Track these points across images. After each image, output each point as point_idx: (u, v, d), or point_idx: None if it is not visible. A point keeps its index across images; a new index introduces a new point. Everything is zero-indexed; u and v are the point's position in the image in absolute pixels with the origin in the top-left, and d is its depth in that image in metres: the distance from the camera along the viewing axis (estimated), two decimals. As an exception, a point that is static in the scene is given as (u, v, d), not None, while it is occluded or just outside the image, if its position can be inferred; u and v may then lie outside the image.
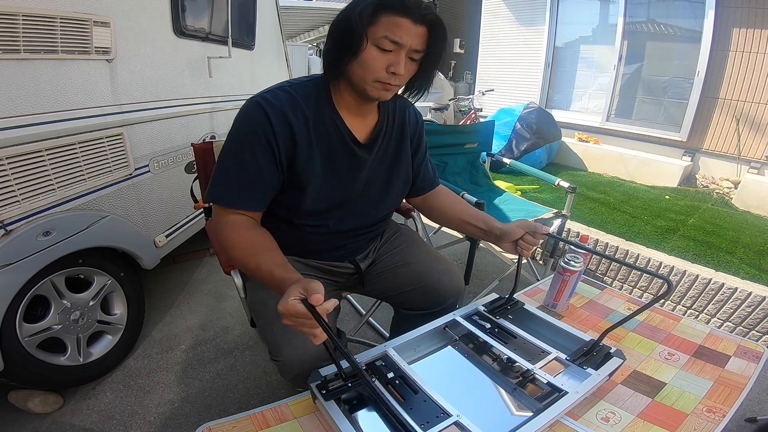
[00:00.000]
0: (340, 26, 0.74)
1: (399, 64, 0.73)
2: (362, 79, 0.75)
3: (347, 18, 0.72)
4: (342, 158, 0.85)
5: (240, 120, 0.78)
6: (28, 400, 1.22)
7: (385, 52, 0.72)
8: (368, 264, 1.05)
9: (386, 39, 0.71)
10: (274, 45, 2.69)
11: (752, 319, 1.68)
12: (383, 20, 0.71)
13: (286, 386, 1.38)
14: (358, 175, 0.88)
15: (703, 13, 3.49)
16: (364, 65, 0.73)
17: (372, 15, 0.70)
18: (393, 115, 0.92)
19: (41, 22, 1.07)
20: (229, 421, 0.65)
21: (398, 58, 0.73)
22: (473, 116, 4.46)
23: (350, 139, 0.84)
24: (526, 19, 4.86)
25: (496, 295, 0.99)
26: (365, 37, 0.71)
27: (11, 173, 1.05)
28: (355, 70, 0.74)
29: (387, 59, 0.73)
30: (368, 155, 0.88)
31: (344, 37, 0.73)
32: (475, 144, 2.24)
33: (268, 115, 0.75)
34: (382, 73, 0.74)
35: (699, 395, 0.75)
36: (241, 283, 0.98)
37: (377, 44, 0.72)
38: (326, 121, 0.82)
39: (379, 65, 0.73)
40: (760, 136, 3.39)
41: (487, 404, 0.72)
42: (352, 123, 0.85)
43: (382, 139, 0.90)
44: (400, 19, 0.70)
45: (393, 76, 0.74)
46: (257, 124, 0.76)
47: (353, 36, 0.71)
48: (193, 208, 1.26)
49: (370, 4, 0.70)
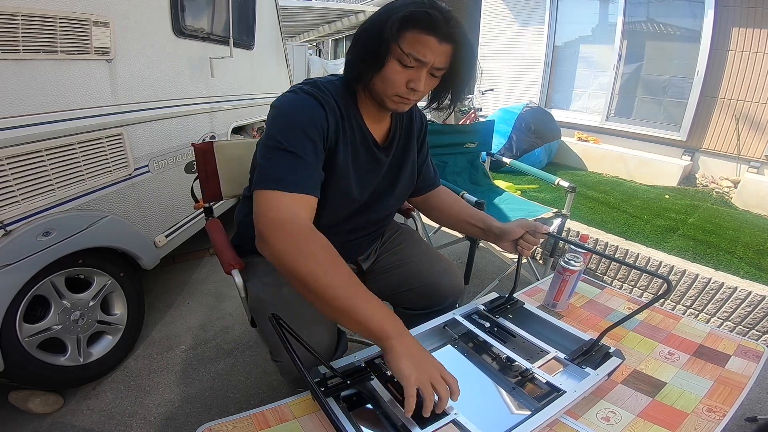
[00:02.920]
0: (365, 35, 0.74)
1: (419, 81, 0.72)
2: (382, 92, 0.75)
3: (373, 28, 0.72)
4: (365, 161, 0.85)
5: (292, 110, 0.74)
6: (28, 401, 1.22)
7: (407, 68, 0.72)
8: (370, 264, 1.05)
9: (410, 56, 0.70)
10: (273, 45, 2.69)
11: (752, 319, 1.68)
12: (409, 36, 0.69)
13: (286, 386, 1.38)
14: (378, 176, 0.89)
15: (702, 12, 3.49)
16: (386, 79, 0.73)
17: (398, 30, 0.69)
18: (402, 117, 0.94)
19: (41, 22, 1.07)
20: (229, 421, 0.65)
21: (419, 75, 0.72)
22: (473, 116, 4.46)
23: (373, 143, 0.85)
24: (525, 18, 4.86)
25: (496, 295, 0.99)
26: (390, 52, 0.70)
27: (11, 173, 1.05)
28: (377, 82, 0.75)
29: (408, 75, 0.72)
30: (386, 158, 0.89)
31: (368, 47, 0.72)
32: (474, 144, 2.24)
33: (324, 107, 0.75)
34: (402, 88, 0.74)
35: (699, 395, 0.75)
36: (241, 282, 0.98)
37: (400, 59, 0.71)
38: (353, 124, 0.82)
39: (400, 80, 0.73)
40: (759, 136, 3.39)
41: (485, 403, 0.72)
42: (372, 126, 0.86)
43: (396, 141, 0.91)
44: (425, 37, 0.69)
45: (412, 92, 0.74)
46: (313, 112, 0.74)
47: (378, 49, 0.70)
48: (193, 208, 1.26)
49: (398, 20, 0.68)
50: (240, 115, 2.32)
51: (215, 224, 1.14)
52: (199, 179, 1.19)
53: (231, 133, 2.24)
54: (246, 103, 2.35)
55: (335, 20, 8.43)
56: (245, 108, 2.36)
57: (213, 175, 1.17)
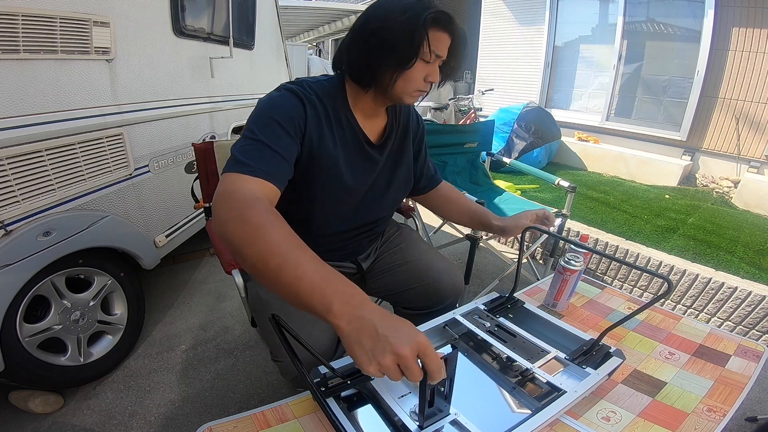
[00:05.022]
0: (378, 36, 0.73)
1: (436, 74, 0.78)
2: (403, 90, 0.78)
3: (397, 33, 0.72)
4: (358, 160, 0.85)
5: (272, 104, 0.74)
6: (28, 400, 1.23)
7: (427, 64, 0.76)
8: (370, 264, 1.05)
9: (433, 53, 0.74)
10: (273, 45, 2.69)
11: (752, 319, 1.68)
12: (431, 35, 0.73)
13: (286, 386, 1.38)
14: (372, 175, 0.89)
15: (702, 12, 3.49)
16: (410, 79, 0.76)
17: (427, 31, 0.72)
18: (398, 115, 0.94)
19: (41, 22, 1.07)
20: (229, 420, 0.65)
21: (435, 68, 0.77)
22: (473, 116, 4.46)
23: (365, 141, 0.85)
24: (525, 18, 4.86)
25: (496, 294, 0.99)
26: (419, 54, 0.73)
27: (11, 173, 1.05)
28: (399, 82, 0.76)
29: (426, 69, 0.77)
30: (380, 156, 0.89)
31: (387, 48, 0.73)
32: (474, 143, 2.24)
33: (304, 104, 0.75)
34: (421, 83, 0.78)
35: (699, 394, 0.75)
36: (241, 282, 0.98)
37: (424, 58, 0.74)
38: (343, 123, 0.82)
39: (421, 76, 0.77)
40: (759, 135, 3.39)
41: (485, 403, 0.72)
42: (365, 125, 0.86)
43: (392, 140, 0.92)
44: (443, 34, 0.74)
45: (429, 85, 0.79)
46: (292, 108, 0.74)
47: (408, 52, 0.73)
48: (194, 208, 1.26)
49: (426, 21, 0.71)
50: (240, 115, 2.32)
51: (215, 224, 1.14)
52: (199, 179, 1.19)
53: (231, 133, 2.24)
54: (246, 103, 2.35)
55: (335, 20, 8.43)
56: (245, 108, 2.36)
57: (213, 175, 1.17)
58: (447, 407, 0.64)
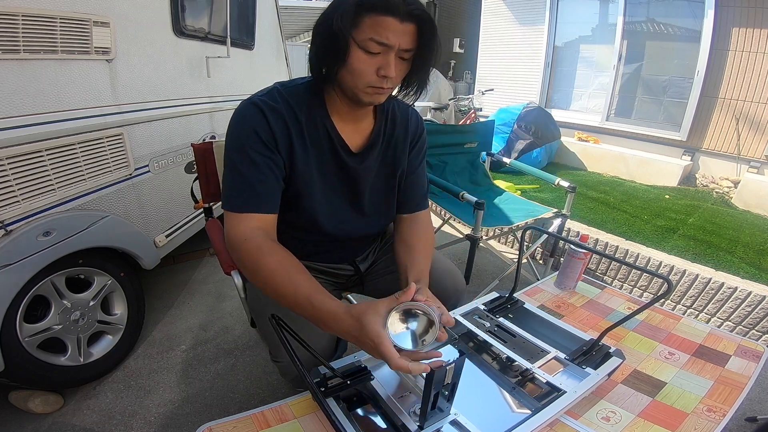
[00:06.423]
0: (321, 31, 0.70)
1: (389, 67, 0.68)
2: (353, 86, 0.71)
3: (328, 22, 0.67)
4: (332, 168, 0.82)
5: (236, 123, 0.75)
6: (28, 400, 1.23)
7: (374, 55, 0.68)
8: (368, 265, 1.05)
9: (372, 41, 0.66)
10: (273, 45, 2.69)
11: (752, 319, 1.68)
12: (367, 21, 0.66)
13: (286, 386, 1.38)
14: (350, 184, 0.85)
15: (702, 12, 3.49)
16: (354, 71, 0.69)
17: (354, 17, 0.65)
18: (392, 119, 0.88)
19: (41, 22, 1.07)
20: (229, 421, 0.65)
21: (387, 60, 0.68)
22: (473, 116, 4.45)
23: (341, 147, 0.81)
24: (525, 18, 4.86)
25: (496, 294, 0.99)
26: (350, 41, 0.67)
27: (11, 173, 1.05)
28: (345, 76, 0.71)
29: (376, 62, 0.69)
30: (360, 164, 0.83)
31: (327, 42, 0.69)
32: (474, 143, 2.24)
33: (266, 115, 0.73)
34: (372, 77, 0.70)
35: (699, 394, 0.75)
36: (241, 283, 0.98)
37: (364, 47, 0.67)
38: (318, 128, 0.79)
39: (369, 69, 0.69)
40: (759, 136, 3.39)
41: (485, 403, 0.72)
42: (344, 130, 0.81)
43: (379, 147, 0.86)
44: (384, 18, 0.65)
45: (384, 80, 0.70)
46: (255, 123, 0.73)
47: (337, 41, 0.67)
48: (193, 208, 1.26)
49: (351, 6, 0.65)
50: (240, 115, 2.31)
51: (215, 224, 1.15)
52: (198, 179, 1.19)
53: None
54: (246, 103, 2.34)
55: (335, 20, 8.42)
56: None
57: (213, 175, 1.17)
58: (448, 408, 0.64)
